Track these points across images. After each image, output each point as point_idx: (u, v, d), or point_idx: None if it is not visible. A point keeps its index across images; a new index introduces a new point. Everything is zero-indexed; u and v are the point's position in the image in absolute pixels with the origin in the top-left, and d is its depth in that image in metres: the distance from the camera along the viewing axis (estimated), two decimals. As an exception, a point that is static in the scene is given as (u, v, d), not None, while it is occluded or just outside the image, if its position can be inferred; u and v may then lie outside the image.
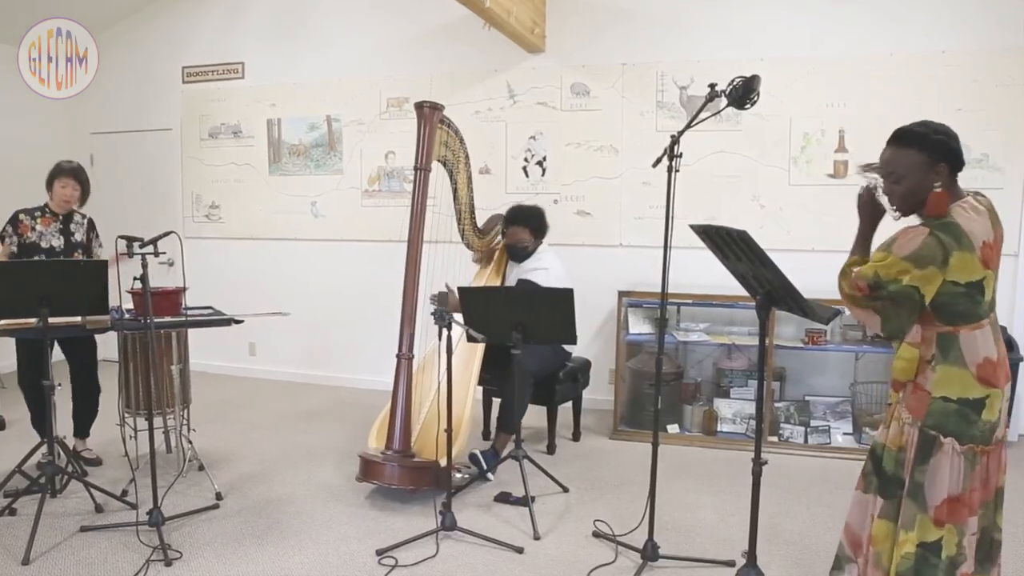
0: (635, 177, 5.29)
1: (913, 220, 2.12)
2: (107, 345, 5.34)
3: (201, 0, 6.35)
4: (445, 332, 3.17)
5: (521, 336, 3.47)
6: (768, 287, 2.49)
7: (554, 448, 4.51)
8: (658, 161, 2.83)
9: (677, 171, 2.79)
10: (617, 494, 3.84)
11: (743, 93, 2.77)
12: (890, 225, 2.17)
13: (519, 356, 3.56)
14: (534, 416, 4.62)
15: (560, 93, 5.46)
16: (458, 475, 3.84)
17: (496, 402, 4.49)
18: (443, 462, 3.46)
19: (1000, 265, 2.12)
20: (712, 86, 2.82)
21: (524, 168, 5.59)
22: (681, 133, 2.80)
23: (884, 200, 2.14)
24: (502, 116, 5.61)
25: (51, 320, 3.21)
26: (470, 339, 3.55)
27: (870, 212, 2.22)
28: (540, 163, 5.55)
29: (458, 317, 3.44)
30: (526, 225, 4.34)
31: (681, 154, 2.80)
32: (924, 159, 2.05)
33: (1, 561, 3.02)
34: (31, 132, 6.17)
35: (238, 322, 3.82)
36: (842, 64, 4.85)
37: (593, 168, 5.43)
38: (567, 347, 4.41)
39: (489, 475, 3.97)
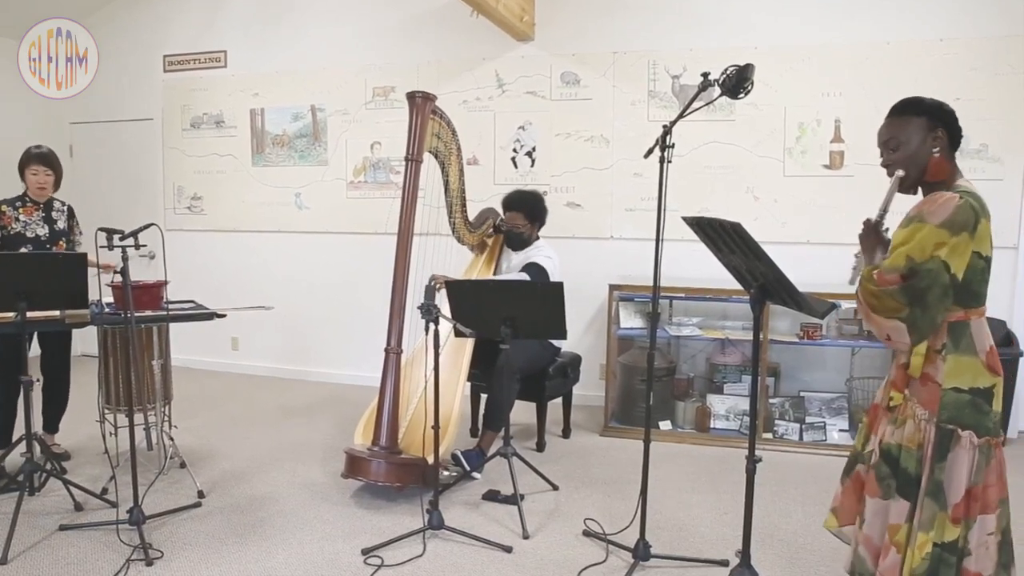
0: (626, 168, 5.24)
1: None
2: (87, 340, 5.28)
3: (183, -13, 6.27)
4: (432, 327, 3.11)
5: (510, 331, 3.42)
6: (762, 280, 2.45)
7: (544, 445, 4.47)
8: (650, 152, 2.80)
9: (669, 162, 2.75)
10: (608, 492, 3.80)
11: (737, 82, 2.73)
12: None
13: (506, 352, 3.50)
14: (523, 412, 4.59)
15: (550, 82, 5.40)
16: (445, 473, 3.79)
17: (484, 398, 4.43)
18: (430, 459, 3.41)
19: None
20: (705, 75, 2.78)
21: (513, 159, 5.53)
22: (673, 123, 2.76)
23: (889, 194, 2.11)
24: (490, 106, 5.54)
25: (29, 314, 3.18)
26: (458, 334, 3.49)
27: (873, 243, 2.17)
28: (529, 154, 5.49)
29: (446, 311, 3.38)
30: (520, 210, 4.32)
31: (673, 144, 2.76)
32: (922, 122, 2.07)
33: (-22, 561, 2.98)
34: (9, 122, 6.08)
35: (220, 316, 3.77)
36: (838, 53, 4.80)
37: (583, 159, 5.37)
38: (556, 342, 4.36)
39: (475, 474, 3.92)
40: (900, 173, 2.09)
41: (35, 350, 3.94)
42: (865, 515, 2.20)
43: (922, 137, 2.06)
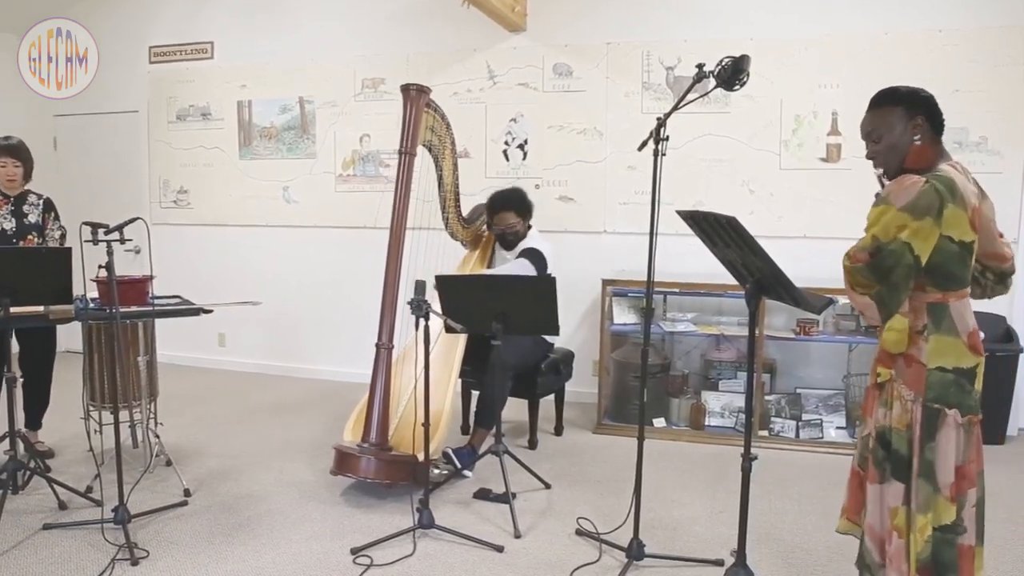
0: (620, 161, 5.20)
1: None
2: (71, 336, 5.22)
3: (169, -24, 6.20)
4: (423, 322, 3.07)
5: (502, 327, 3.37)
6: (758, 275, 2.44)
7: (536, 443, 4.44)
8: (644, 144, 2.77)
9: (663, 155, 2.72)
10: (601, 491, 3.77)
11: (732, 74, 2.70)
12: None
13: (499, 348, 3.46)
14: (515, 410, 4.56)
15: (542, 74, 5.35)
16: (436, 471, 3.75)
17: (475, 395, 4.39)
18: (421, 457, 3.37)
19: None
20: (700, 66, 2.75)
21: (504, 152, 5.48)
22: (668, 115, 2.74)
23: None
24: (481, 97, 5.49)
25: (12, 310, 3.15)
26: (448, 330, 3.44)
27: None
28: (521, 146, 5.44)
29: (436, 307, 3.34)
30: (511, 208, 4.23)
31: (668, 137, 2.73)
32: (900, 112, 2.10)
33: (-41, 561, 2.94)
34: (-7, 114, 6.00)
35: (207, 312, 3.74)
36: (835, 43, 4.75)
37: (576, 152, 5.32)
38: (549, 338, 4.32)
39: (467, 472, 3.89)
40: (878, 172, 2.17)
41: (15, 346, 3.90)
42: (867, 504, 2.23)
43: (902, 127, 2.09)
